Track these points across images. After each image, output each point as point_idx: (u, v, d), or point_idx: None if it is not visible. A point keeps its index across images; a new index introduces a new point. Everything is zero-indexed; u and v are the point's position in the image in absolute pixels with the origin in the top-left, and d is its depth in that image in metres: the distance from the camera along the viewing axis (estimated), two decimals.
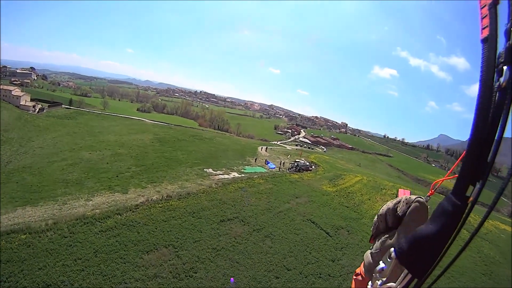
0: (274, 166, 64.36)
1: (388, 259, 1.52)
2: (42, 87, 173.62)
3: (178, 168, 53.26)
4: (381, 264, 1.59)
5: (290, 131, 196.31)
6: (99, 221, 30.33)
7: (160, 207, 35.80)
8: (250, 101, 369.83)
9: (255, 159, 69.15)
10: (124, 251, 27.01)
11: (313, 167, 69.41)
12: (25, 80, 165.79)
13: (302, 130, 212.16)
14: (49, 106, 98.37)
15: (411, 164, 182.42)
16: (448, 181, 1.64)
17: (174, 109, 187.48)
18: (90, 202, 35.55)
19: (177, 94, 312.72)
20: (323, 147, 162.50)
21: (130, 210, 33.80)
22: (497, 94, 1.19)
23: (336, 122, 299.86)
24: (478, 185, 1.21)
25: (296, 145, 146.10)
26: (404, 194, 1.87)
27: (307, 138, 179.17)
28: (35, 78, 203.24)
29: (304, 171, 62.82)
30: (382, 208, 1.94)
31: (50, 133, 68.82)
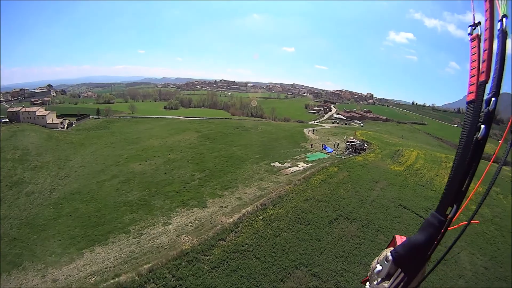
0: (331, 149, 61.31)
1: (385, 262, 1.84)
2: (64, 102, 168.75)
3: (244, 167, 46.17)
4: (378, 267, 1.88)
5: (322, 108, 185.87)
6: (204, 254, 23.62)
7: (261, 220, 29.42)
8: (271, 83, 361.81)
9: (311, 145, 63.88)
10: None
11: (366, 146, 65.53)
12: (45, 99, 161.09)
13: (332, 106, 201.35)
14: (77, 119, 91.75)
15: (447, 130, 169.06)
16: None
17: (201, 102, 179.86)
18: (170, 226, 28.61)
19: (198, 86, 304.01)
20: (358, 122, 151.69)
21: (232, 231, 27.16)
22: (474, 145, 1.71)
23: (362, 94, 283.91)
24: (455, 207, 1.72)
25: (333, 123, 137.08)
26: (401, 240, 1.98)
27: (340, 114, 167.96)
28: (54, 94, 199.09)
29: (361, 151, 60.10)
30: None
31: (86, 148, 61.75)
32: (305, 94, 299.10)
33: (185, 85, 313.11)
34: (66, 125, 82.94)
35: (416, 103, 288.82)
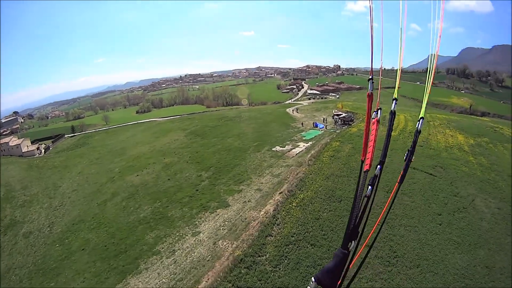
0: (322, 125, 60.69)
1: (311, 283, 2.23)
2: (33, 126, 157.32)
3: (248, 157, 44.01)
4: (311, 285, 2.24)
5: (294, 86, 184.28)
6: (259, 255, 21.71)
7: (296, 206, 27.74)
8: (236, 69, 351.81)
9: (302, 123, 62.94)
10: None
11: (353, 116, 65.78)
12: (14, 127, 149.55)
13: (303, 83, 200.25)
14: (52, 141, 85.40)
15: (420, 90, 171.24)
16: None
17: (172, 100, 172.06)
18: (201, 234, 26.04)
19: (164, 85, 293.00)
20: (333, 94, 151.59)
21: (274, 224, 25.19)
22: (362, 201, 2.28)
23: (329, 66, 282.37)
24: (354, 243, 2.22)
25: (309, 99, 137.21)
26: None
27: (314, 89, 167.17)
28: (22, 120, 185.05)
29: (350, 123, 60.28)
30: None
31: (71, 169, 56.57)
32: (273, 75, 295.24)
33: (151, 86, 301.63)
34: (43, 150, 76.86)
35: (384, 68, 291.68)
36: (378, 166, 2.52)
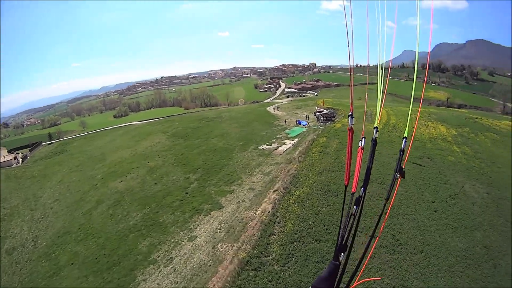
0: (305, 122, 60.47)
1: None
2: (9, 136, 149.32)
3: (235, 157, 42.99)
4: None
5: (272, 85, 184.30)
6: (265, 256, 20.96)
7: (293, 203, 27.36)
8: (212, 70, 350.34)
9: (285, 121, 62.41)
10: None
11: (335, 112, 66.83)
12: None
13: (280, 82, 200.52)
14: (30, 150, 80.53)
15: (397, 86, 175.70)
16: None
17: (149, 103, 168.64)
18: (198, 239, 24.72)
19: (140, 89, 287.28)
20: (311, 92, 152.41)
21: (275, 223, 24.45)
22: (349, 218, 2.53)
23: (305, 65, 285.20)
24: (344, 255, 2.43)
25: (288, 97, 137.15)
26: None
27: (292, 88, 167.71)
28: None
29: (332, 119, 60.87)
30: None
31: (51, 178, 53.21)
32: (249, 75, 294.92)
33: (127, 90, 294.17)
34: (20, 160, 72.20)
35: (360, 65, 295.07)
36: (362, 188, 2.68)
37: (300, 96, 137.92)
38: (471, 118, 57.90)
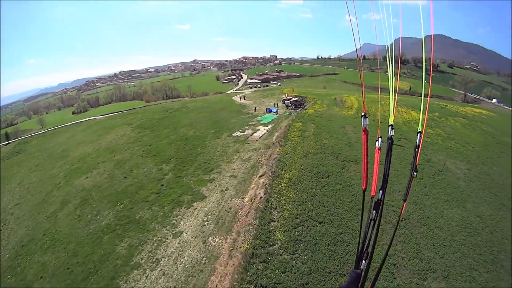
0: (276, 109, 59.14)
1: None
2: None
3: (209, 144, 39.82)
4: None
5: (234, 77, 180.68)
6: (270, 245, 18.60)
7: (285, 186, 25.35)
8: (171, 64, 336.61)
9: (255, 108, 60.58)
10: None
11: (304, 100, 67.41)
12: None
13: (242, 73, 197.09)
14: None
15: (358, 76, 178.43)
16: None
17: (109, 98, 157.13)
18: (185, 234, 21.35)
19: (99, 84, 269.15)
20: (274, 82, 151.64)
21: (271, 208, 22.16)
22: (369, 224, 2.35)
23: (265, 57, 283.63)
24: (363, 262, 2.30)
25: (251, 87, 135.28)
26: None
27: (254, 79, 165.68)
28: None
29: (302, 106, 60.67)
30: None
31: (10, 180, 46.18)
32: (209, 67, 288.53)
33: (85, 85, 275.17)
34: None
35: (322, 57, 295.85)
36: (381, 191, 2.46)
37: (263, 86, 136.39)
38: (438, 105, 60.44)
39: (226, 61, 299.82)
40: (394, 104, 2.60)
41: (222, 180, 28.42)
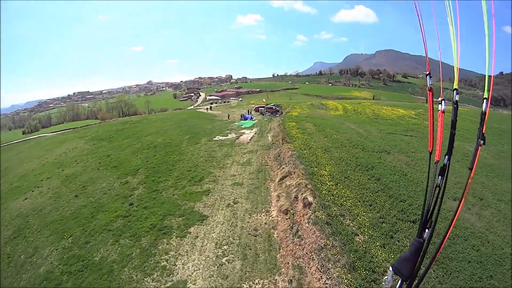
0: (251, 116, 55.89)
1: (389, 271, 2.06)
2: None
3: (187, 150, 30.83)
4: (386, 277, 2.12)
5: (192, 94, 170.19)
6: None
7: (332, 185, 17.59)
8: (126, 86, 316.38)
9: (228, 115, 56.60)
10: None
11: (279, 107, 63.40)
12: None
13: (199, 92, 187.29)
14: None
15: (320, 89, 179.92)
16: None
17: (62, 117, 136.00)
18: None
19: (52, 105, 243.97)
20: (234, 98, 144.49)
21: (340, 216, 13.52)
22: (434, 190, 1.99)
23: (221, 77, 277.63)
24: (428, 231, 1.98)
25: (211, 103, 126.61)
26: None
27: (214, 95, 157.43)
28: None
29: (277, 113, 57.07)
30: None
31: None
32: (164, 88, 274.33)
33: (37, 107, 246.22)
34: None
35: (278, 74, 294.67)
36: (446, 157, 2.13)
37: (224, 102, 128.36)
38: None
39: (181, 81, 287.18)
40: (457, 68, 2.12)
41: (223, 190, 18.87)
